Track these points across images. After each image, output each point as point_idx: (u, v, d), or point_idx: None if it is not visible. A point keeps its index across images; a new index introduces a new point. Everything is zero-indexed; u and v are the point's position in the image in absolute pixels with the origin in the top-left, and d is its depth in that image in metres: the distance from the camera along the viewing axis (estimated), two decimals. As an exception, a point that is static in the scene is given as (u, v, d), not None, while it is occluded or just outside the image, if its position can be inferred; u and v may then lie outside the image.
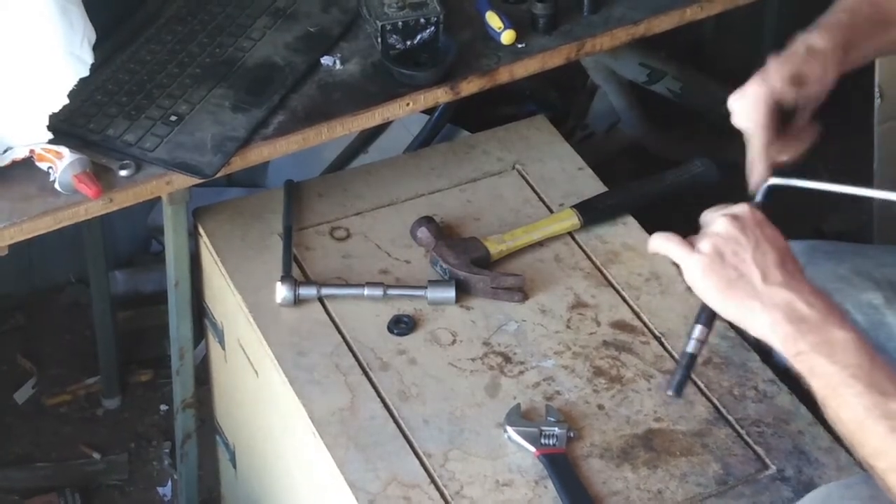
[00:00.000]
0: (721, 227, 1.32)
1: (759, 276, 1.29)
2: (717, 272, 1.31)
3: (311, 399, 1.64)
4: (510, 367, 1.69)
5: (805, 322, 1.26)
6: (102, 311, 2.37)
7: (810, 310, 1.27)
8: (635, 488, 1.56)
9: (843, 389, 1.23)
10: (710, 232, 1.33)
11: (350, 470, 1.56)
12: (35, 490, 2.34)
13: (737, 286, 1.30)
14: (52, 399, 2.49)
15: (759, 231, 1.32)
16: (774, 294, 1.28)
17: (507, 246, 1.82)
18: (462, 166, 1.97)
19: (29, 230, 1.59)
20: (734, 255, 1.30)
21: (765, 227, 1.33)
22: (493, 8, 1.87)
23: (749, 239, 1.31)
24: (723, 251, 1.31)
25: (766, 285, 1.29)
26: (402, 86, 1.78)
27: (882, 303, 1.63)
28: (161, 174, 1.64)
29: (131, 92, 1.72)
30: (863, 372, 1.23)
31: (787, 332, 1.27)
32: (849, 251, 1.72)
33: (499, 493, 1.55)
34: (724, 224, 1.32)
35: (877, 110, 2.25)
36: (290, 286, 1.74)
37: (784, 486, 1.57)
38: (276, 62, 1.80)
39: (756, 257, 1.30)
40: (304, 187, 1.93)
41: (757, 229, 1.32)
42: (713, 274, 1.31)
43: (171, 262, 1.86)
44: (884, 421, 1.21)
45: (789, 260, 1.31)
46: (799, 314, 1.27)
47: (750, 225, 1.32)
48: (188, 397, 2.02)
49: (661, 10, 1.93)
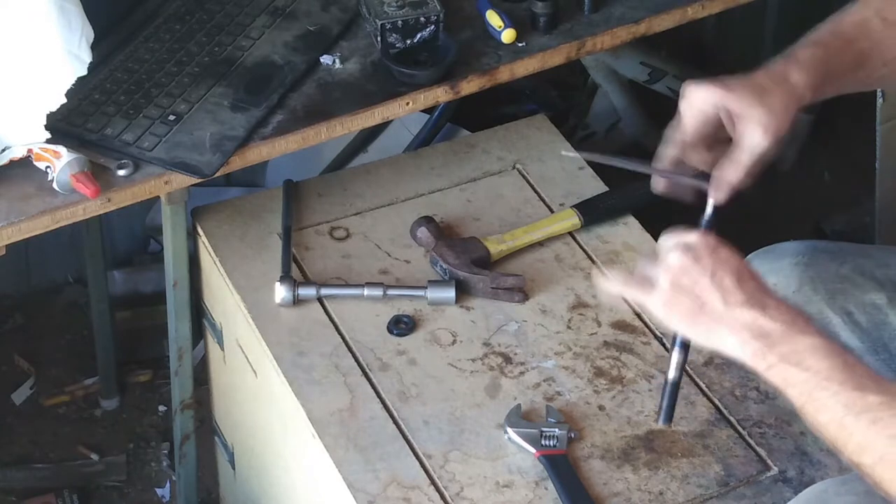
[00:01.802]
0: (675, 259, 1.34)
1: (720, 301, 1.31)
2: (679, 305, 1.34)
3: (310, 399, 1.64)
4: (510, 368, 1.69)
5: (770, 336, 1.29)
6: (101, 311, 2.37)
7: (774, 323, 1.29)
8: (636, 489, 1.56)
9: (819, 393, 1.25)
10: (665, 267, 1.35)
11: (349, 471, 1.56)
12: (33, 491, 2.33)
13: (700, 314, 1.33)
14: (50, 399, 2.48)
15: (713, 256, 1.34)
16: (737, 315, 1.31)
17: (508, 246, 1.82)
18: (462, 166, 1.97)
19: (27, 230, 1.58)
20: (693, 285, 1.33)
21: (718, 251, 1.34)
22: (493, 7, 1.87)
23: (704, 266, 1.33)
24: (681, 283, 1.33)
25: (728, 308, 1.31)
26: (401, 85, 1.78)
27: (885, 303, 1.63)
28: (159, 174, 1.64)
29: (129, 91, 1.71)
30: (835, 372, 1.25)
31: (755, 348, 1.29)
32: (851, 251, 1.71)
33: (499, 494, 1.55)
34: (678, 256, 1.34)
35: (879, 110, 2.25)
36: (289, 286, 1.74)
37: (786, 488, 1.57)
38: (276, 61, 1.79)
39: (714, 283, 1.32)
40: (303, 187, 1.93)
41: (711, 255, 1.34)
42: (676, 307, 1.34)
43: (170, 262, 1.85)
44: (864, 415, 1.22)
45: (747, 277, 1.33)
46: (763, 330, 1.29)
47: (703, 252, 1.34)
48: (187, 398, 2.01)
49: (661, 9, 1.93)
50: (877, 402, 1.21)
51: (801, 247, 1.71)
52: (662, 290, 1.34)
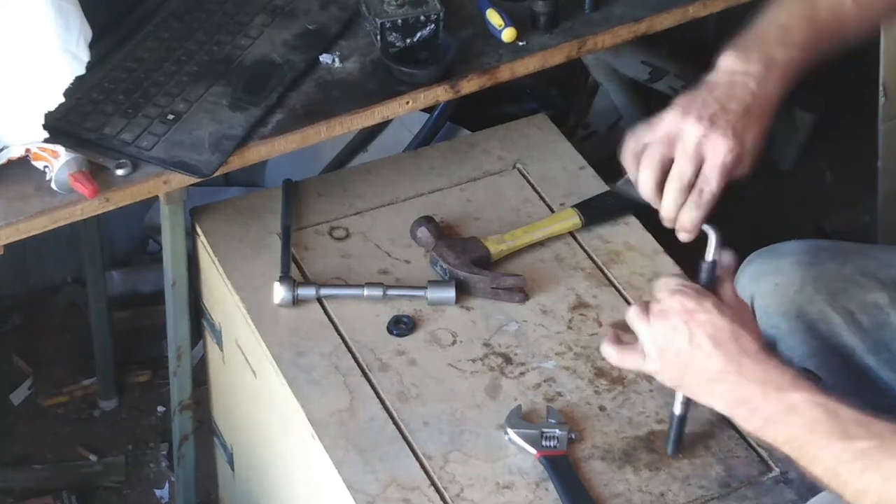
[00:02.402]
0: (658, 330, 1.38)
1: (701, 369, 1.35)
2: (667, 373, 1.40)
3: (309, 400, 1.63)
4: (511, 368, 1.68)
5: (750, 401, 1.32)
6: (99, 311, 2.37)
7: (751, 385, 1.32)
8: (637, 490, 1.55)
9: (808, 448, 1.27)
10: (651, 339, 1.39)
11: (349, 471, 1.55)
12: (31, 492, 2.33)
13: (687, 380, 1.38)
14: (48, 400, 2.48)
15: (690, 323, 1.36)
16: (716, 384, 1.35)
17: (508, 246, 1.81)
18: (462, 165, 1.97)
19: (25, 230, 1.58)
20: (676, 357, 1.37)
21: (696, 314, 1.36)
22: (493, 5, 1.86)
23: (682, 335, 1.36)
24: (665, 353, 1.38)
25: (707, 376, 1.35)
26: (401, 84, 1.77)
27: (887, 302, 1.63)
28: (158, 173, 1.63)
29: (128, 90, 1.71)
30: (819, 426, 1.26)
31: (740, 414, 1.34)
32: (853, 251, 1.71)
33: (499, 495, 1.54)
34: (660, 327, 1.38)
35: (881, 109, 2.25)
36: (288, 286, 1.73)
37: (787, 489, 1.56)
38: (275, 60, 1.79)
39: (693, 351, 1.35)
40: (302, 186, 1.92)
41: (688, 321, 1.36)
42: (665, 374, 1.40)
43: (169, 262, 1.85)
44: (855, 463, 1.23)
45: (724, 339, 1.34)
46: (742, 397, 1.33)
47: (680, 320, 1.36)
48: (186, 398, 2.01)
49: (663, 8, 1.92)
50: (866, 447, 1.23)
51: (802, 246, 1.71)
52: (652, 360, 1.39)
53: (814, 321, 1.63)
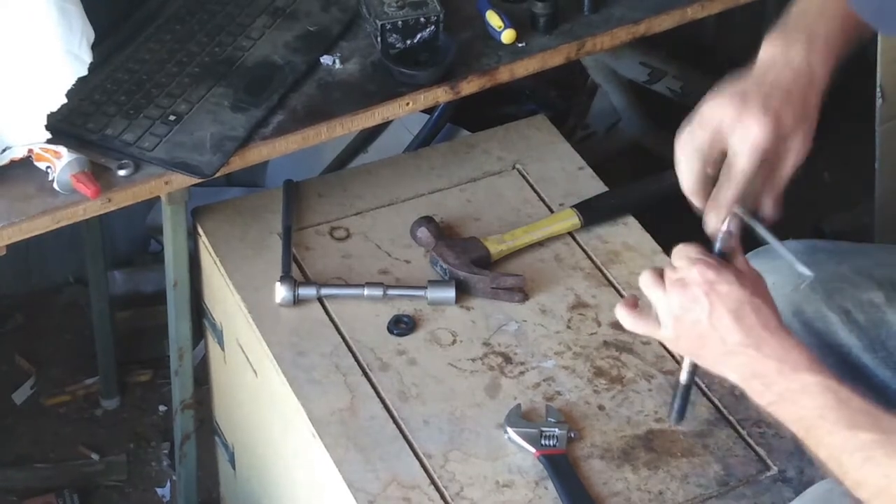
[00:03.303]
0: (675, 299, 1.36)
1: (718, 342, 1.34)
2: (683, 343, 1.39)
3: (310, 399, 1.64)
4: (510, 368, 1.69)
5: (766, 376, 1.31)
6: (101, 311, 2.37)
7: (768, 361, 1.31)
8: (636, 489, 1.56)
9: (815, 431, 1.27)
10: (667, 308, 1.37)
11: (349, 470, 1.56)
12: (33, 491, 2.33)
13: (703, 351, 1.36)
14: (50, 399, 2.48)
15: (711, 294, 1.34)
16: (734, 356, 1.33)
17: (508, 246, 1.82)
18: (462, 166, 1.97)
19: (27, 230, 1.58)
20: (693, 327, 1.35)
21: (716, 286, 1.34)
22: (493, 7, 1.87)
23: (702, 306, 1.34)
24: (683, 323, 1.36)
25: (726, 349, 1.33)
26: (401, 85, 1.78)
27: (883, 301, 1.63)
28: (160, 174, 1.64)
29: (130, 91, 1.71)
30: (828, 411, 1.26)
31: (753, 387, 1.32)
32: (850, 251, 1.71)
33: (499, 494, 1.55)
34: (678, 296, 1.36)
35: (878, 111, 2.25)
36: (289, 286, 1.74)
37: (785, 488, 1.57)
38: (276, 61, 1.79)
39: (713, 323, 1.33)
40: (303, 187, 1.93)
41: (709, 292, 1.34)
42: (681, 345, 1.40)
43: (170, 263, 1.85)
44: (858, 453, 1.23)
45: (745, 312, 1.33)
46: (758, 370, 1.31)
47: (700, 291, 1.34)
48: (187, 398, 2.01)
49: (661, 9, 1.93)
50: (870, 439, 1.23)
51: (799, 246, 1.71)
52: (667, 328, 1.37)
53: (810, 320, 1.63)
